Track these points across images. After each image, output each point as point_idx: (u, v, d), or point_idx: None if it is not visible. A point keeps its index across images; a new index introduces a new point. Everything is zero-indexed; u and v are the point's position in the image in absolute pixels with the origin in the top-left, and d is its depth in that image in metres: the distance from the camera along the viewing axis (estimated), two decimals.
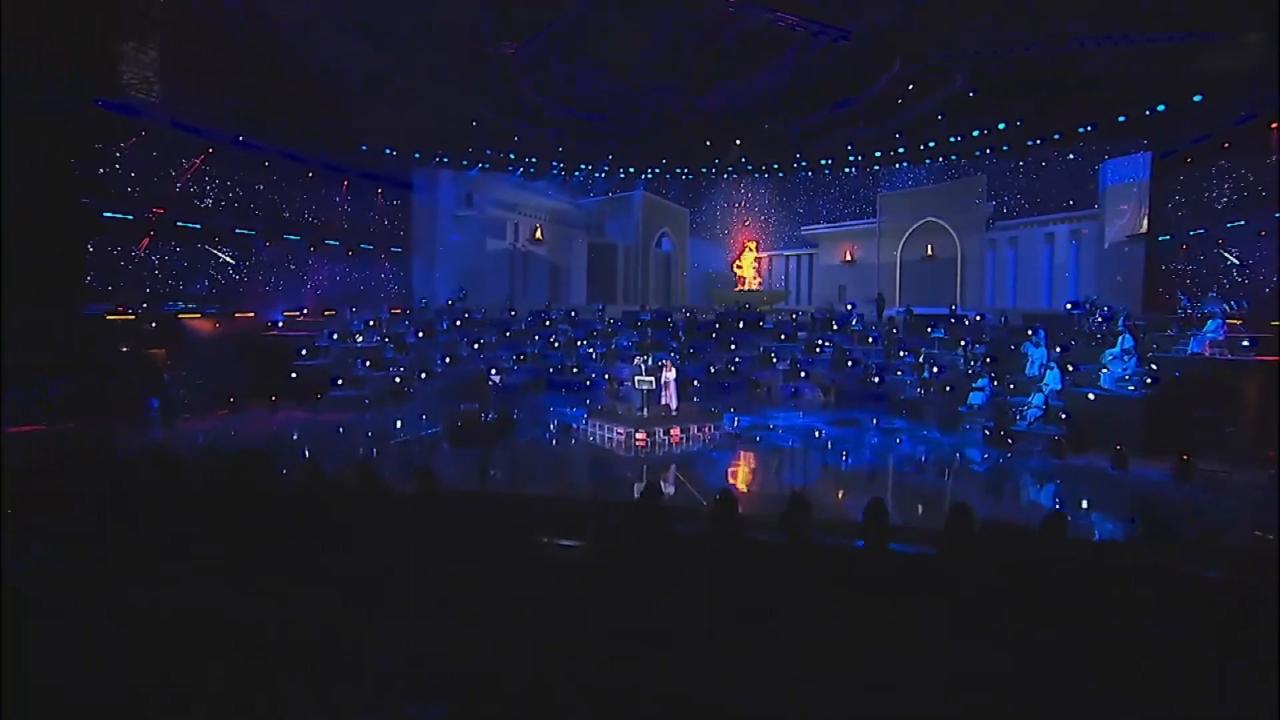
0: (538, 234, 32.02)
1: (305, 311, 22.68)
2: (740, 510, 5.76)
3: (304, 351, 19.41)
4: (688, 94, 19.11)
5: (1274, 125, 17.98)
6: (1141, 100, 20.83)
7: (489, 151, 25.93)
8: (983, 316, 23.05)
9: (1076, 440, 13.80)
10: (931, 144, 23.97)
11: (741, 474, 12.87)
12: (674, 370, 15.68)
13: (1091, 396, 14.46)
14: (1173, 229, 22.25)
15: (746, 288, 31.86)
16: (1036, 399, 14.88)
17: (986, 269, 27.73)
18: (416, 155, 27.11)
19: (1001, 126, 21.90)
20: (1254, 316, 15.57)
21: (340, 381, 18.54)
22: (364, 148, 25.74)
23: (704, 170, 29.01)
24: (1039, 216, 26.25)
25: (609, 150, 25.41)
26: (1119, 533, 9.19)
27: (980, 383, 17.32)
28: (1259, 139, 18.59)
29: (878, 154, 25.59)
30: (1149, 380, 14.17)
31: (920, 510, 10.21)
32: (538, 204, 31.87)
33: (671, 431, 14.65)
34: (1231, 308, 15.19)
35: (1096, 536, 9.08)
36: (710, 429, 15.10)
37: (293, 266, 23.59)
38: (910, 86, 17.94)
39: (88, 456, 8.25)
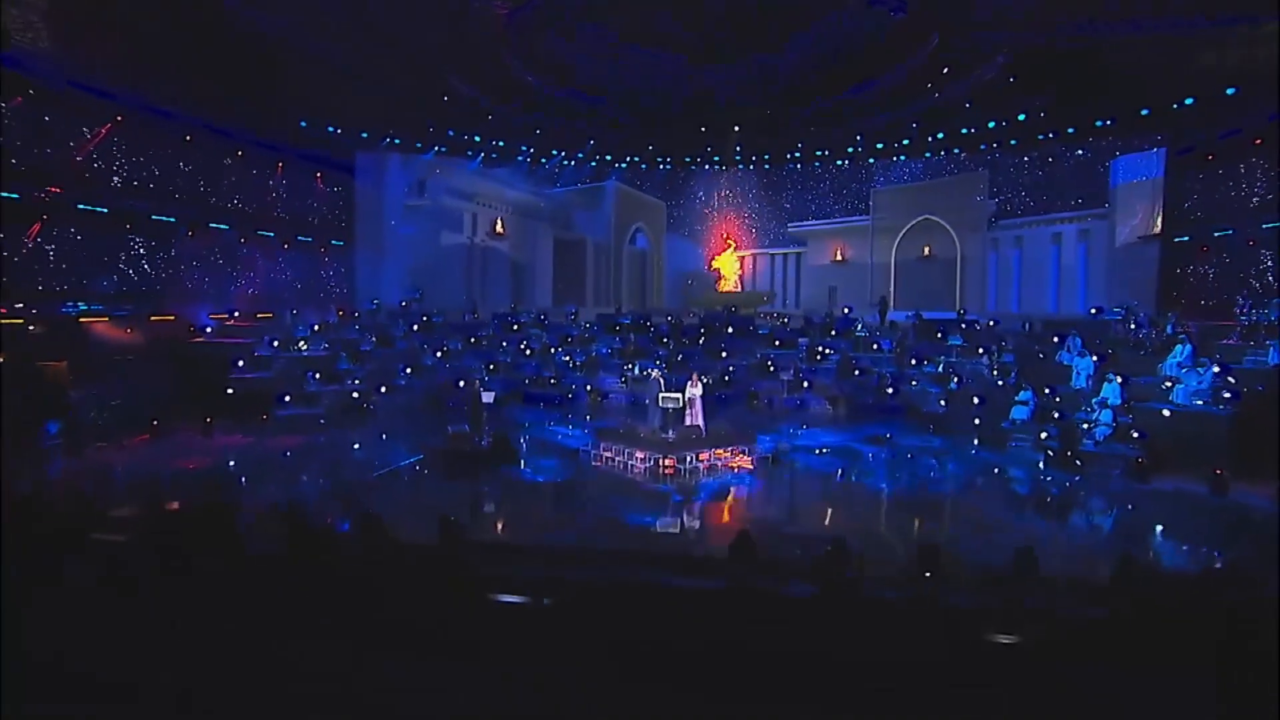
0: (498, 227, 29.89)
1: (236, 314, 19.99)
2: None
3: (241, 362, 16.88)
4: (694, 71, 17.51)
5: None
6: (1166, 93, 20.44)
7: (451, 133, 23.69)
8: (995, 322, 22.30)
9: (1155, 461, 12.83)
10: (941, 135, 23.12)
11: (810, 512, 11.34)
12: (700, 386, 14.04)
13: (1167, 413, 13.52)
14: (1191, 229, 21.97)
15: (727, 289, 30.53)
16: (1104, 415, 13.89)
17: (989, 270, 27.18)
18: (364, 135, 24.64)
19: (1022, 118, 21.14)
20: None
21: (288, 398, 16.12)
22: (304, 124, 23.18)
23: (687, 160, 27.50)
24: (1045, 215, 25.83)
25: (592, 134, 23.56)
26: None
27: (1023, 395, 16.32)
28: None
29: (888, 145, 24.63)
30: (1227, 394, 13.34)
31: (1064, 559, 8.83)
32: (499, 194, 29.74)
33: (702, 456, 13.00)
34: None
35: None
36: (745, 452, 13.52)
37: (220, 260, 20.84)
38: (945, 70, 16.87)
39: None
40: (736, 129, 22.79)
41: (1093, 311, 20.72)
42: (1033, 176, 26.30)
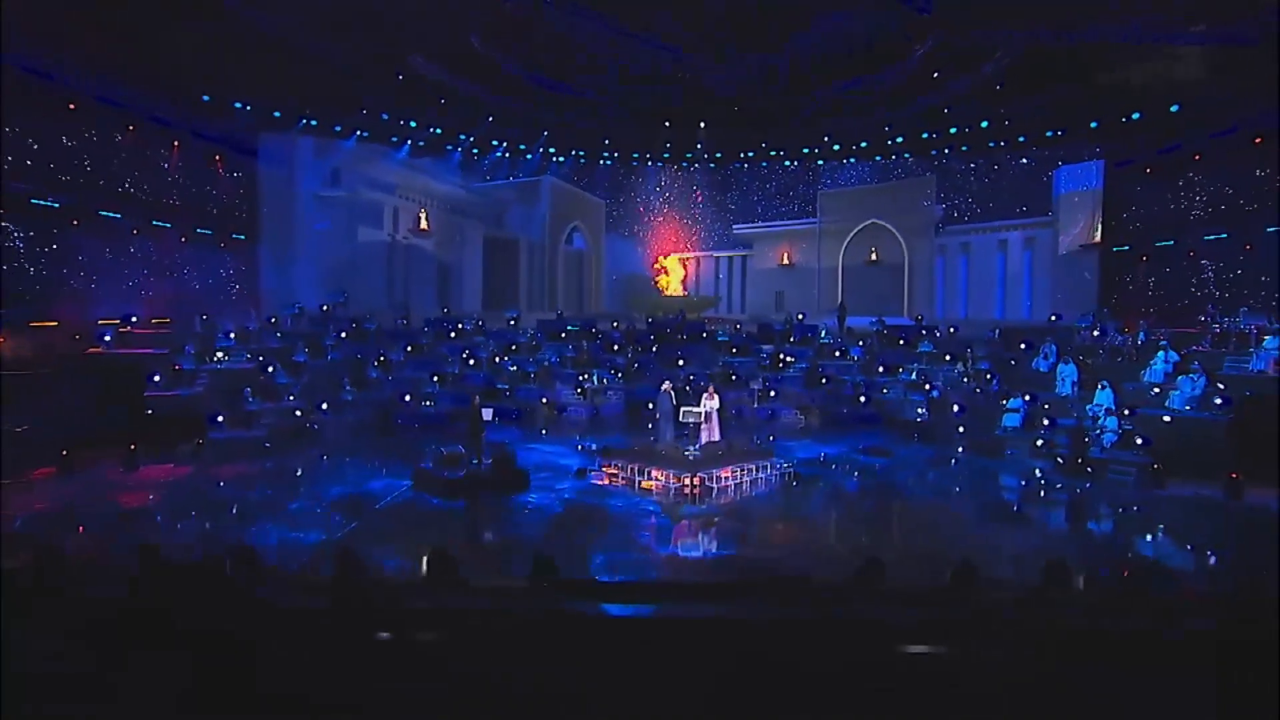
0: (423, 223, 28.27)
1: (136, 320, 17.65)
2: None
3: (157, 378, 14.82)
4: (678, 61, 17.07)
5: (1257, 140, 19.41)
6: (1113, 108, 21.95)
7: (385, 116, 22.10)
8: (955, 329, 23.19)
9: (1163, 467, 13.54)
10: (900, 139, 23.80)
11: (893, 531, 11.14)
12: (716, 399, 13.58)
13: (1168, 419, 14.33)
14: (1132, 239, 23.70)
15: (671, 292, 30.29)
16: (1110, 422, 14.55)
17: (936, 276, 28.32)
18: (277, 114, 22.54)
19: (985, 125, 22.11)
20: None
21: (221, 419, 14.29)
22: (206, 98, 20.93)
23: (635, 156, 27.00)
24: (992, 222, 27.18)
25: (545, 123, 22.61)
26: None
27: (1014, 403, 16.95)
28: (1236, 151, 20.05)
29: (845, 145, 25.08)
30: (1219, 400, 14.28)
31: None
32: (422, 186, 28.15)
33: (723, 474, 12.55)
34: (1271, 322, 15.86)
35: None
36: (766, 467, 13.19)
37: (110, 255, 18.36)
38: (935, 75, 17.32)
39: None
40: (702, 125, 22.58)
41: (1052, 318, 21.92)
42: (979, 183, 27.67)
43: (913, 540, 10.34)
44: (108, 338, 16.07)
